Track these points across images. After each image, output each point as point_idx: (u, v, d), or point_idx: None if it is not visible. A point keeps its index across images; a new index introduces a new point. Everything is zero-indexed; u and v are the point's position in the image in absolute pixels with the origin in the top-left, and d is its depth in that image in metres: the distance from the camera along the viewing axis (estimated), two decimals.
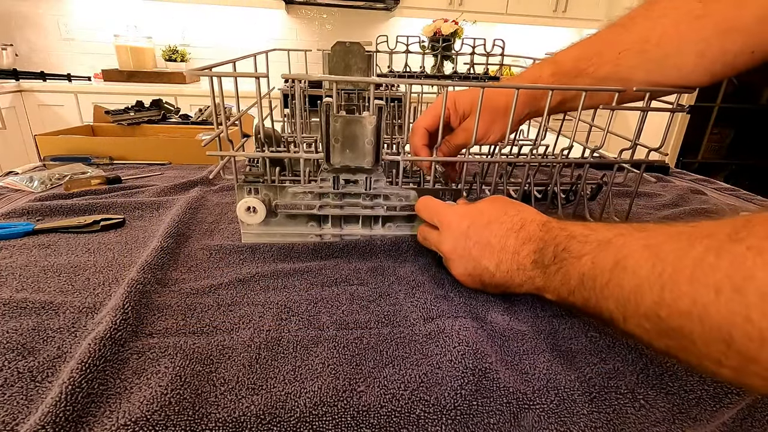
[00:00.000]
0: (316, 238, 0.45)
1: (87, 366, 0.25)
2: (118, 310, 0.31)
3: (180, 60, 2.41)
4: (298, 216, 0.44)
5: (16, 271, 0.37)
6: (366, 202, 0.43)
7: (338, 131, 0.39)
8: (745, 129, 2.53)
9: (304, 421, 0.24)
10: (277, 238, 0.45)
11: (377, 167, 0.42)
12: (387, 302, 0.35)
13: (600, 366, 0.29)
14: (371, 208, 0.44)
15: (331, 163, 0.41)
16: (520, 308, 0.35)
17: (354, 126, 0.39)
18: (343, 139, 0.40)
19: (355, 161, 0.41)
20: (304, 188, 0.42)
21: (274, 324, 0.32)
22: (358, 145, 0.40)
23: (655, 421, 0.25)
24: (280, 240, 0.44)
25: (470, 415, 0.25)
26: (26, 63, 2.29)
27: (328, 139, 0.39)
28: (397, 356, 0.29)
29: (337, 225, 0.45)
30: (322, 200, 0.43)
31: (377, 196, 0.43)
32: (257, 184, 0.42)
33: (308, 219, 0.44)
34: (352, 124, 0.39)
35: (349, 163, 0.41)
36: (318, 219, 0.44)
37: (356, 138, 0.40)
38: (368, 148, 0.40)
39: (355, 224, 0.45)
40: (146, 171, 0.71)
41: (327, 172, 0.41)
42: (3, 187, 0.60)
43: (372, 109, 0.39)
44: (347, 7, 2.53)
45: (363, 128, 0.39)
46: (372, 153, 0.40)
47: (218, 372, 0.27)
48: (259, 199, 0.42)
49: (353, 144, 0.40)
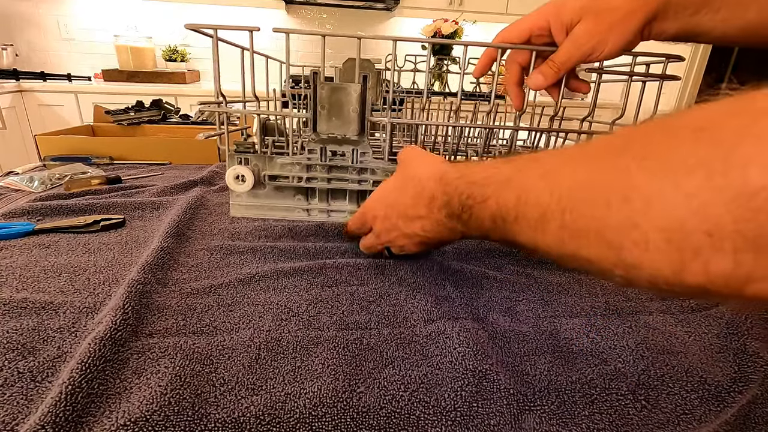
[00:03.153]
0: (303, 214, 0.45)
1: (87, 366, 0.25)
2: (118, 310, 0.31)
3: (180, 60, 2.41)
4: (285, 189, 0.44)
5: (16, 271, 0.37)
6: (354, 176, 0.44)
7: (324, 98, 0.40)
8: None
9: (303, 422, 0.24)
10: (264, 211, 0.45)
11: (363, 138, 0.42)
12: (387, 303, 0.35)
13: (601, 367, 0.29)
14: (358, 182, 0.44)
15: (317, 132, 0.41)
16: (522, 309, 0.35)
17: (340, 94, 0.40)
18: (329, 106, 0.40)
19: (340, 129, 0.41)
20: (293, 159, 0.43)
21: (274, 324, 0.32)
22: (343, 113, 0.41)
23: (659, 422, 0.25)
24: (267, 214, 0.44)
25: (470, 416, 0.25)
26: (26, 63, 2.29)
27: (315, 106, 0.40)
28: (397, 357, 0.29)
29: (324, 200, 0.45)
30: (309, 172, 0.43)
31: (365, 170, 0.44)
32: (247, 154, 0.43)
33: (296, 192, 0.45)
34: (337, 91, 0.40)
35: (335, 131, 0.42)
36: (305, 192, 0.45)
37: (342, 105, 0.40)
38: (353, 116, 0.41)
39: (342, 200, 0.45)
40: (146, 171, 0.71)
41: (314, 143, 0.42)
42: (3, 187, 0.60)
43: (357, 78, 0.39)
44: (347, 7, 2.53)
45: (348, 96, 0.40)
46: (357, 121, 0.41)
47: (218, 372, 0.27)
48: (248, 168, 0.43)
49: (339, 111, 0.41)
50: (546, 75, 0.38)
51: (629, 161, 0.18)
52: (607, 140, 0.21)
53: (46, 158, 0.72)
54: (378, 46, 2.52)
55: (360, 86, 0.39)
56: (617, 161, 0.19)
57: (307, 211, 0.45)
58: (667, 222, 0.16)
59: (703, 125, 0.16)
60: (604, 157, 0.20)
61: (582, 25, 0.36)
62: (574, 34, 0.36)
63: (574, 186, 0.21)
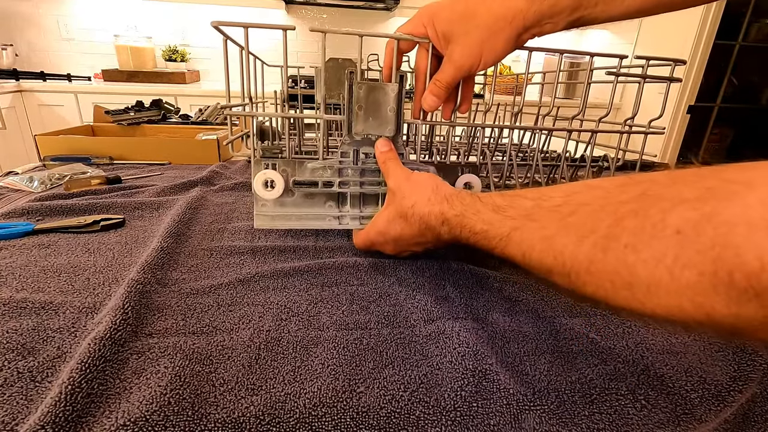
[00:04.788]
0: (334, 222, 0.42)
1: (87, 366, 0.25)
2: (118, 310, 0.31)
3: (180, 60, 2.41)
4: (315, 195, 0.42)
5: (16, 271, 0.37)
6: None
7: (362, 98, 0.39)
8: (745, 129, 2.52)
9: (303, 422, 0.24)
10: (292, 221, 0.42)
11: (398, 138, 0.41)
12: (387, 303, 0.35)
13: (601, 367, 0.29)
14: None
15: (353, 133, 0.41)
16: (522, 309, 0.35)
17: (377, 93, 0.39)
18: (366, 106, 0.40)
19: (377, 129, 0.41)
20: (324, 163, 0.41)
21: (274, 324, 0.32)
22: (380, 113, 0.40)
23: (659, 422, 0.25)
24: (295, 224, 0.42)
25: (470, 416, 0.25)
26: (26, 63, 2.28)
27: (350, 106, 0.39)
28: (397, 357, 0.29)
29: (356, 206, 0.43)
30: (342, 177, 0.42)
31: None
32: (275, 159, 0.42)
33: (326, 198, 0.43)
34: (375, 91, 0.39)
35: (372, 131, 0.41)
36: (336, 198, 0.43)
37: (379, 105, 0.40)
38: (390, 115, 0.40)
39: (374, 204, 0.43)
40: (146, 171, 0.71)
41: (347, 145, 0.41)
42: (3, 187, 0.60)
43: (394, 77, 0.39)
44: (347, 7, 2.53)
45: (386, 95, 0.39)
46: (394, 121, 0.40)
47: (218, 372, 0.27)
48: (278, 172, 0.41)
49: (376, 111, 0.40)
50: (437, 95, 0.41)
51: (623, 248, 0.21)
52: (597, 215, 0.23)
53: (46, 158, 0.72)
54: (378, 45, 2.52)
55: (398, 85, 0.39)
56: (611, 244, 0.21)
57: (339, 218, 0.43)
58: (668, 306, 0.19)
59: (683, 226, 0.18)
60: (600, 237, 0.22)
61: (455, 46, 0.38)
62: (451, 56, 0.39)
63: (576, 261, 0.23)
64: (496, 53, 0.38)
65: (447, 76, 0.39)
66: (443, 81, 0.40)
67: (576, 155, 0.65)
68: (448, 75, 0.39)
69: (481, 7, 0.37)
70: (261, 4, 2.32)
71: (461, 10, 0.37)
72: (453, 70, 0.39)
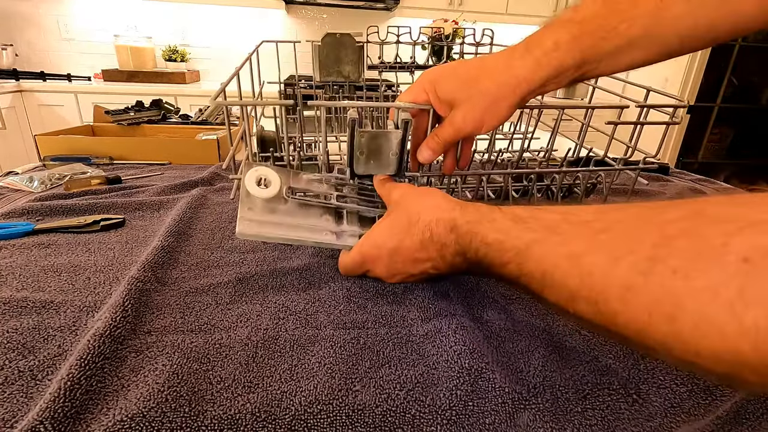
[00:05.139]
0: (330, 237, 0.37)
1: (85, 363, 0.25)
2: (117, 307, 0.31)
3: (180, 60, 2.41)
4: (311, 206, 0.38)
5: (17, 270, 0.37)
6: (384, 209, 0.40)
7: (363, 145, 0.39)
8: (745, 129, 2.52)
9: (299, 419, 0.24)
10: (283, 231, 0.36)
11: (401, 175, 0.41)
12: (385, 302, 0.35)
13: (593, 363, 0.29)
14: None
15: (354, 173, 0.40)
16: (516, 307, 0.35)
17: (380, 140, 0.39)
18: (368, 151, 0.39)
19: (378, 170, 0.40)
20: (322, 176, 0.40)
21: (272, 323, 0.32)
22: (382, 157, 0.40)
23: (649, 415, 0.26)
24: (286, 234, 0.36)
25: (466, 415, 0.25)
26: (26, 63, 2.29)
27: (352, 151, 0.39)
28: (393, 356, 0.29)
29: (355, 223, 0.40)
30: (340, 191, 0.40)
31: None
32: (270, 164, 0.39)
33: (323, 211, 0.39)
34: (377, 138, 0.38)
35: (373, 172, 0.40)
36: (334, 213, 0.40)
37: (381, 150, 0.39)
38: (392, 159, 0.40)
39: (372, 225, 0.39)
40: (146, 171, 0.71)
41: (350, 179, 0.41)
42: (3, 187, 0.60)
43: (399, 124, 0.38)
44: (347, 7, 2.53)
45: (388, 142, 0.39)
46: (396, 163, 0.40)
47: (215, 370, 0.27)
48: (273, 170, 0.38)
49: (378, 155, 0.39)
50: (434, 149, 0.40)
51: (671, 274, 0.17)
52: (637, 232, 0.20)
53: (46, 158, 0.72)
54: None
55: (401, 132, 0.38)
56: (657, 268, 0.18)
57: (336, 234, 0.38)
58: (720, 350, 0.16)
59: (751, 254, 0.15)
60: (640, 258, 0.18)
61: (458, 111, 0.38)
62: (453, 119, 0.38)
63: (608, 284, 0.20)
64: (500, 119, 0.38)
65: (447, 135, 0.39)
66: (442, 138, 0.39)
67: None
68: (448, 134, 0.39)
69: (484, 74, 0.36)
70: (261, 4, 2.32)
71: (464, 76, 0.37)
72: (453, 131, 0.39)
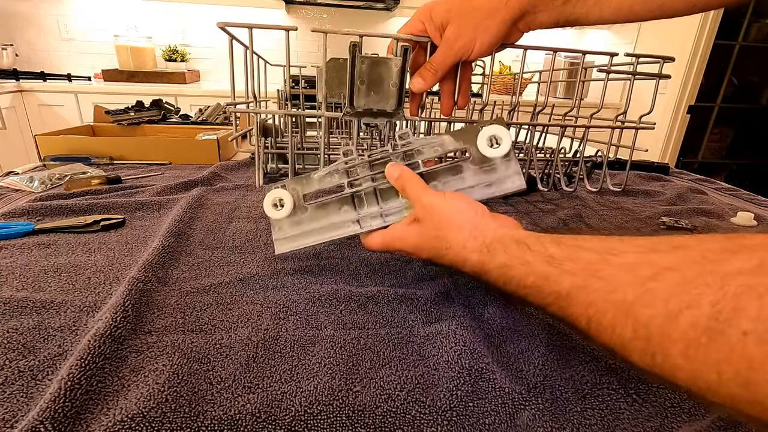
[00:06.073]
0: (354, 227, 0.39)
1: (86, 363, 0.25)
2: (118, 307, 0.31)
3: (180, 60, 2.41)
4: (329, 204, 0.40)
5: (17, 270, 0.37)
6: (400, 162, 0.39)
7: (364, 72, 0.39)
8: (745, 129, 2.52)
9: (299, 420, 0.24)
10: (312, 237, 0.39)
11: (400, 110, 0.41)
12: (386, 302, 0.35)
13: (592, 363, 0.29)
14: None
15: (354, 107, 0.40)
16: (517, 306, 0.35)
17: (380, 67, 0.39)
18: (368, 80, 0.39)
19: (378, 104, 0.40)
20: (329, 168, 0.40)
21: (272, 323, 0.32)
22: (382, 88, 0.40)
23: (648, 416, 0.26)
24: (316, 239, 0.39)
25: (466, 416, 0.25)
26: (26, 63, 2.29)
27: (352, 80, 0.39)
28: (394, 357, 0.29)
29: (373, 203, 0.39)
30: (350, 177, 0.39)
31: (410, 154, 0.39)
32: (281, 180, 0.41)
33: (340, 204, 0.40)
34: (378, 65, 0.39)
35: (373, 105, 0.40)
36: (351, 201, 0.40)
37: (381, 80, 0.39)
38: (392, 90, 0.40)
39: (394, 198, 0.39)
40: (146, 171, 0.71)
41: (349, 116, 0.41)
42: (3, 187, 0.60)
43: (398, 51, 0.39)
44: (347, 7, 2.53)
45: (388, 70, 0.39)
46: (396, 95, 0.40)
47: (215, 370, 0.27)
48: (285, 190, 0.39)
49: (378, 86, 0.40)
50: (425, 78, 0.40)
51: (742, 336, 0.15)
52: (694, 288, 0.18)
53: (46, 158, 0.72)
54: (378, 46, 2.52)
55: (401, 59, 0.38)
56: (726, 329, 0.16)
57: (358, 222, 0.39)
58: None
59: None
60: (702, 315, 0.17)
61: (451, 27, 0.38)
62: (445, 36, 0.38)
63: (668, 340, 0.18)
64: (491, 34, 0.38)
65: (438, 56, 0.39)
66: (434, 62, 0.40)
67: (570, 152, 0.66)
68: (440, 55, 0.39)
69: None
70: (261, 4, 2.32)
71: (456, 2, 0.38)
72: (445, 50, 0.39)
